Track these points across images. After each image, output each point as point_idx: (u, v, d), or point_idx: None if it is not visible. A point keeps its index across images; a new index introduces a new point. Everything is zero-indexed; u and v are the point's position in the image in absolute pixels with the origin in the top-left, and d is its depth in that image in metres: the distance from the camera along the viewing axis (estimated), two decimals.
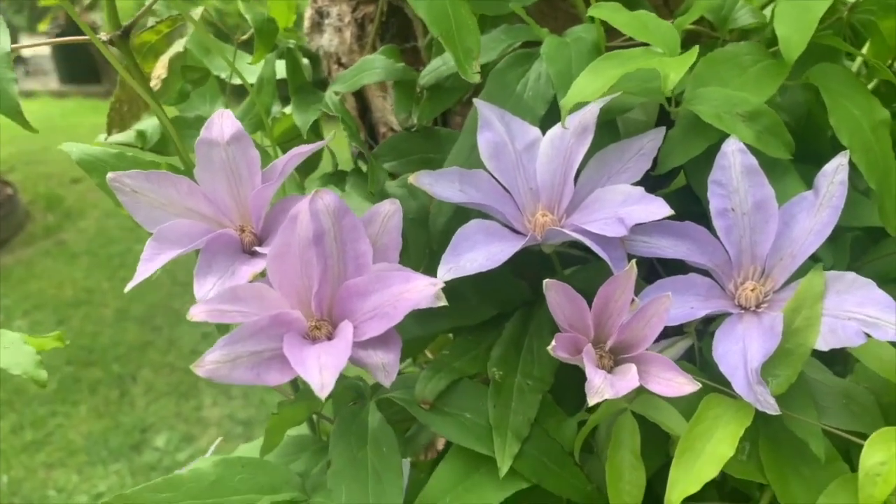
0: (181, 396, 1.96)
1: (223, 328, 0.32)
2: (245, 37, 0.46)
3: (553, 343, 0.30)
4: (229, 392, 1.97)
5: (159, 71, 0.40)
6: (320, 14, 0.54)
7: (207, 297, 0.29)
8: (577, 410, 0.36)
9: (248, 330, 0.28)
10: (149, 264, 0.30)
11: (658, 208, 0.31)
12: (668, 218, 0.32)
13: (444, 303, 0.29)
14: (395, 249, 0.33)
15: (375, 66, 0.43)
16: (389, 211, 0.33)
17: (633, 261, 0.31)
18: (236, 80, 0.46)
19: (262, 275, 0.30)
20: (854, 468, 0.31)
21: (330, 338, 0.30)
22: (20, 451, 1.77)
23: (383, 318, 0.29)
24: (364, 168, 0.43)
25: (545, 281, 0.31)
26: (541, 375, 0.35)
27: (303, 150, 0.33)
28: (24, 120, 0.30)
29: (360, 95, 0.52)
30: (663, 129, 0.34)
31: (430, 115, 0.41)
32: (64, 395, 1.96)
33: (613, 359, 0.33)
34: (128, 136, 0.41)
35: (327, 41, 0.53)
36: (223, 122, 0.33)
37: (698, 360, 0.35)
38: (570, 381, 0.34)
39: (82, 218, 2.90)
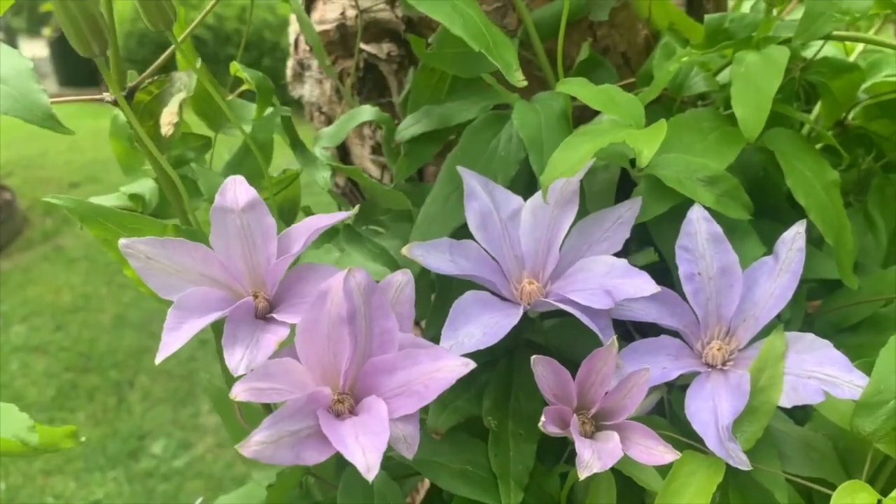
0: (178, 403, 1.96)
1: (219, 334, 0.32)
2: (241, 89, 0.47)
3: (542, 419, 0.32)
4: None
5: (168, 118, 0.41)
6: (301, 65, 0.56)
7: (239, 368, 0.29)
8: (556, 462, 0.38)
9: (289, 410, 0.28)
10: (175, 333, 0.30)
11: (644, 283, 0.33)
12: None
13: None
14: (410, 319, 0.33)
15: (363, 112, 0.45)
16: (402, 281, 0.33)
17: (614, 336, 0.32)
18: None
19: (283, 343, 0.30)
20: None
21: (352, 411, 0.30)
22: (17, 457, 1.78)
23: (413, 396, 0.29)
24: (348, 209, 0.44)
25: (533, 358, 0.32)
26: (531, 425, 0.37)
27: (322, 222, 0.33)
28: (58, 124, 0.30)
29: (342, 145, 0.54)
30: (639, 199, 0.37)
31: (408, 171, 0.43)
32: (62, 401, 1.96)
33: (595, 424, 0.34)
34: (119, 198, 0.42)
35: (308, 91, 0.55)
36: (237, 190, 0.33)
37: (668, 413, 0.37)
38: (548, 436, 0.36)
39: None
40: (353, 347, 0.30)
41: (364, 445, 0.27)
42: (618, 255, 0.36)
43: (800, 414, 0.37)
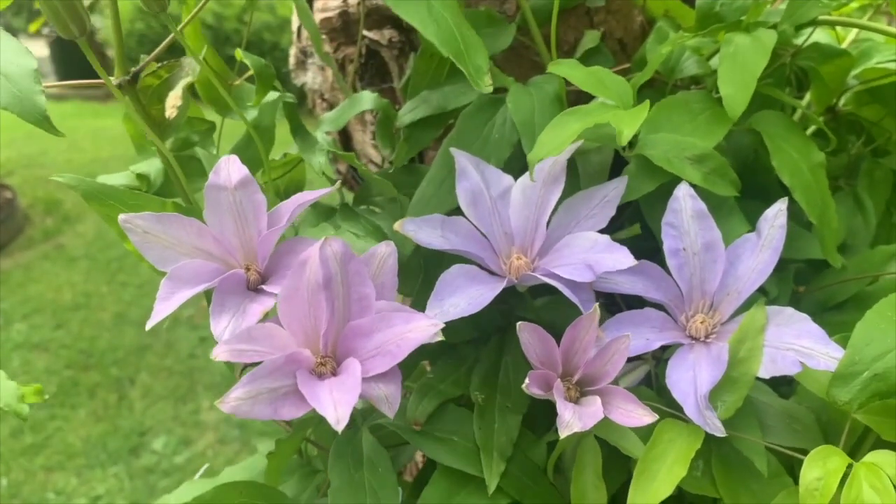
0: (179, 400, 1.97)
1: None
2: (244, 77, 0.48)
3: (527, 381, 0.33)
4: None
5: (172, 101, 0.42)
6: (304, 53, 0.57)
7: (224, 335, 0.31)
8: (545, 432, 0.39)
9: (266, 369, 0.29)
10: (166, 303, 0.31)
11: (624, 257, 0.34)
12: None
13: (441, 338, 0.31)
14: (392, 289, 0.34)
15: (363, 99, 0.46)
16: (385, 252, 0.34)
17: (597, 304, 0.33)
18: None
19: (270, 313, 0.32)
20: (798, 482, 0.34)
21: (334, 373, 0.32)
22: (19, 454, 1.79)
23: (387, 356, 0.31)
24: (349, 199, 0.45)
25: (518, 323, 0.33)
26: (518, 399, 0.38)
27: (308, 197, 0.35)
28: (52, 127, 0.31)
29: (343, 130, 0.55)
30: (625, 178, 0.37)
31: (408, 155, 0.44)
32: (63, 398, 1.97)
33: (580, 390, 0.35)
34: (127, 177, 0.43)
35: (311, 79, 0.56)
36: (230, 168, 0.34)
37: (655, 385, 0.38)
38: (539, 405, 0.37)
39: (81, 222, 2.91)
40: (330, 312, 0.31)
41: (336, 400, 0.28)
42: (604, 231, 0.37)
43: (785, 389, 0.38)
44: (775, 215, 0.37)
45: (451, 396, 0.38)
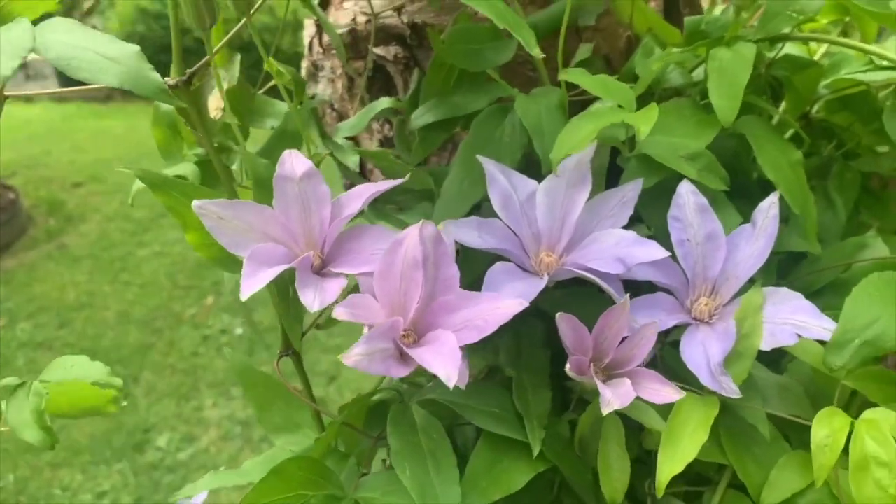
0: (182, 398, 1.99)
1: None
2: (268, 85, 0.52)
3: (567, 365, 0.36)
4: (229, 393, 2.01)
5: (215, 103, 0.45)
6: (315, 66, 0.61)
7: (314, 304, 0.34)
8: (561, 412, 0.43)
9: (377, 331, 0.33)
10: (253, 279, 0.33)
11: (656, 250, 0.38)
12: None
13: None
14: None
15: (381, 103, 0.51)
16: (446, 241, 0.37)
17: (627, 296, 0.37)
18: None
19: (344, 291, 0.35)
20: (792, 447, 0.39)
21: (417, 345, 0.35)
22: (25, 451, 1.80)
23: (475, 330, 0.34)
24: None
25: (557, 315, 0.37)
26: (541, 378, 0.42)
27: (375, 189, 0.38)
28: (169, 97, 0.32)
29: (353, 137, 0.60)
30: (640, 181, 0.41)
31: (422, 154, 0.48)
32: None
33: (608, 374, 0.39)
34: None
35: (321, 90, 0.60)
36: (294, 161, 0.37)
37: (660, 366, 0.42)
38: (554, 389, 0.41)
39: (84, 222, 2.93)
40: (423, 288, 0.35)
41: (444, 361, 0.32)
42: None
43: (774, 367, 0.43)
44: (769, 207, 0.40)
45: (482, 366, 0.42)
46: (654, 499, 0.42)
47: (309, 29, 0.63)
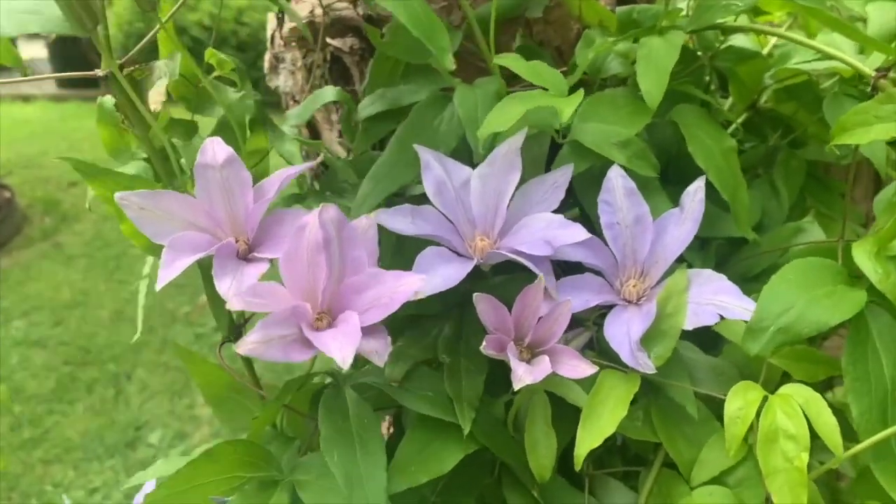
0: (174, 395, 2.00)
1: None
2: (214, 75, 0.52)
3: (483, 343, 0.37)
4: None
5: (156, 97, 0.46)
6: (277, 59, 0.62)
7: (229, 293, 0.34)
8: (502, 395, 0.44)
9: (276, 318, 0.33)
10: (169, 269, 0.34)
11: (578, 232, 0.39)
12: None
13: (422, 296, 0.35)
14: (374, 257, 0.38)
15: (326, 93, 0.51)
16: (366, 225, 0.39)
17: (541, 275, 0.38)
18: None
19: (263, 278, 0.36)
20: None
21: (331, 326, 0.35)
22: (18, 447, 1.82)
23: (381, 308, 0.35)
24: (318, 187, 0.50)
25: (475, 295, 0.37)
26: (479, 362, 0.42)
27: (290, 172, 0.38)
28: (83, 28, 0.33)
29: (313, 127, 0.60)
30: (571, 166, 0.42)
31: (365, 145, 0.49)
32: (61, 393, 2.00)
33: (531, 352, 0.40)
34: None
35: (283, 82, 0.61)
36: (215, 148, 0.37)
37: (597, 348, 0.43)
38: (496, 371, 0.42)
39: (79, 221, 2.94)
40: (328, 270, 0.35)
41: (340, 344, 0.32)
42: (553, 213, 0.41)
43: (713, 350, 0.43)
44: (695, 191, 0.41)
45: (420, 360, 0.43)
46: (592, 478, 0.42)
47: (271, 22, 0.64)
